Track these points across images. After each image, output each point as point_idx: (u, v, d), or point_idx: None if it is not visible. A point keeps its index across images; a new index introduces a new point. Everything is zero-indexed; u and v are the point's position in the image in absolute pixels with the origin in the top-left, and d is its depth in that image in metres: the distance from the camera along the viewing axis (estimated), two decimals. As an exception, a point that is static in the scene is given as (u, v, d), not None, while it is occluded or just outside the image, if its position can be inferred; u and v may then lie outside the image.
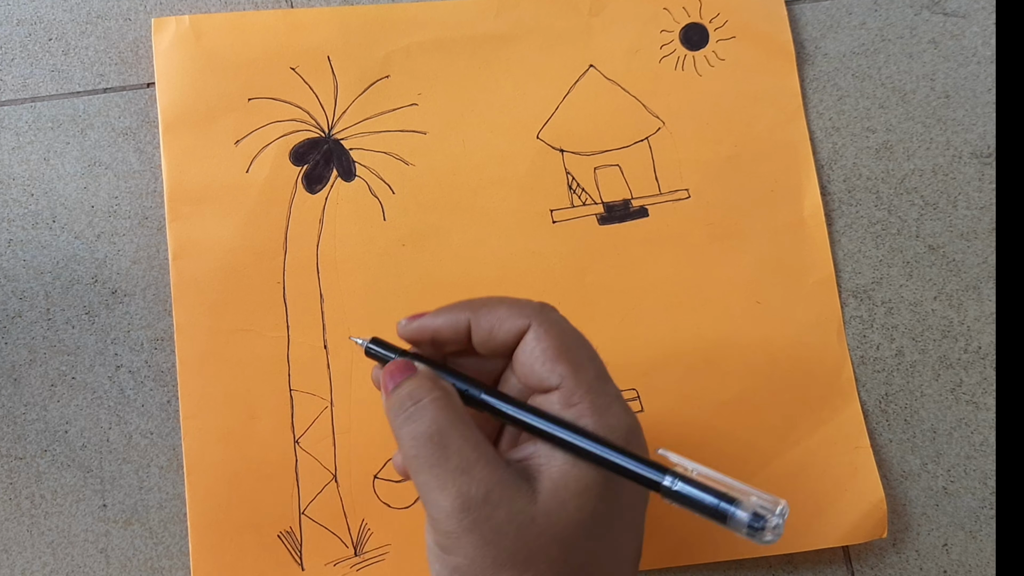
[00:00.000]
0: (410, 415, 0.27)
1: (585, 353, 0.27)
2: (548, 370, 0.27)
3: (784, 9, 0.43)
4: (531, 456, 0.27)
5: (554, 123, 0.41)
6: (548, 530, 0.25)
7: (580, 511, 0.25)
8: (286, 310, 0.38)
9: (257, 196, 0.39)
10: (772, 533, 0.21)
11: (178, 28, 0.40)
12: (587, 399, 0.26)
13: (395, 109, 0.41)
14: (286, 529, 0.37)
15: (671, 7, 0.42)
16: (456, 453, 0.25)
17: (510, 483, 0.25)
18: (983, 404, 0.41)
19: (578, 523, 0.25)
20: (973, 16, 0.44)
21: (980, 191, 0.42)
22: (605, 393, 0.27)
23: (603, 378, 0.27)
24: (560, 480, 0.25)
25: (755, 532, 0.20)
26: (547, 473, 0.26)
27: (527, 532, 0.25)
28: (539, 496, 0.25)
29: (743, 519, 0.21)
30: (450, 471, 0.25)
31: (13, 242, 0.39)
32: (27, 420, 0.38)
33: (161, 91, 0.39)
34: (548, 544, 0.25)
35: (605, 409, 0.26)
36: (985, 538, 0.40)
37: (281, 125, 0.40)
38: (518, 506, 0.25)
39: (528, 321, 0.28)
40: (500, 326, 0.28)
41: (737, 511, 0.22)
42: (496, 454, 0.26)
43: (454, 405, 0.27)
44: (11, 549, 0.37)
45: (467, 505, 0.25)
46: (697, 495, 0.23)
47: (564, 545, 0.25)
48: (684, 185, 0.41)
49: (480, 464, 0.25)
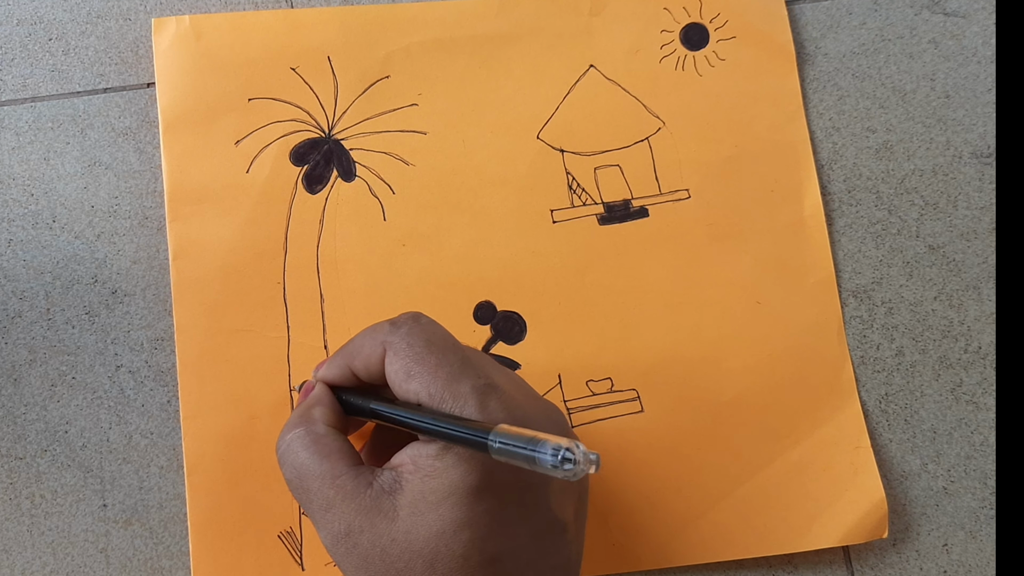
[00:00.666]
0: (281, 458, 0.29)
1: (436, 358, 0.28)
2: (405, 391, 0.28)
3: (784, 9, 0.43)
4: (400, 465, 0.27)
5: (554, 123, 0.41)
6: (410, 547, 0.26)
7: (441, 520, 0.26)
8: (286, 310, 0.38)
9: (257, 196, 0.39)
10: (577, 466, 0.22)
11: (178, 28, 0.40)
12: (443, 408, 0.27)
13: (395, 109, 0.41)
14: (286, 529, 0.37)
15: (671, 7, 0.42)
16: (316, 494, 0.27)
17: (370, 510, 0.26)
18: (983, 404, 0.41)
19: (440, 533, 0.26)
20: (973, 16, 0.44)
21: (980, 191, 0.42)
22: (458, 395, 0.27)
23: (458, 377, 0.27)
24: (419, 493, 0.26)
25: (561, 466, 0.22)
26: (409, 486, 0.26)
27: (390, 553, 0.26)
28: (399, 513, 0.26)
29: (546, 456, 0.22)
30: (315, 510, 0.27)
31: (13, 242, 0.39)
32: (27, 420, 0.38)
33: (161, 91, 0.39)
34: (413, 558, 0.26)
35: (459, 410, 0.26)
36: (985, 538, 0.40)
37: (281, 125, 0.40)
38: (378, 530, 0.26)
39: (384, 346, 0.28)
40: (369, 360, 0.29)
41: (538, 452, 0.23)
42: (357, 484, 0.27)
43: (314, 444, 0.28)
44: (11, 549, 0.37)
45: (335, 539, 0.27)
46: (511, 447, 0.23)
47: (430, 555, 0.26)
48: (684, 185, 0.41)
49: (338, 500, 0.27)
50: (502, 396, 0.27)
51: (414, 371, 0.27)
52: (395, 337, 0.28)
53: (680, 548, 0.38)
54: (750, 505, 0.39)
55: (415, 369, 0.28)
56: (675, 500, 0.39)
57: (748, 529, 0.39)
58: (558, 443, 0.22)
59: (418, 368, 0.27)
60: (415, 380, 0.27)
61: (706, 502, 0.39)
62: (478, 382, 0.27)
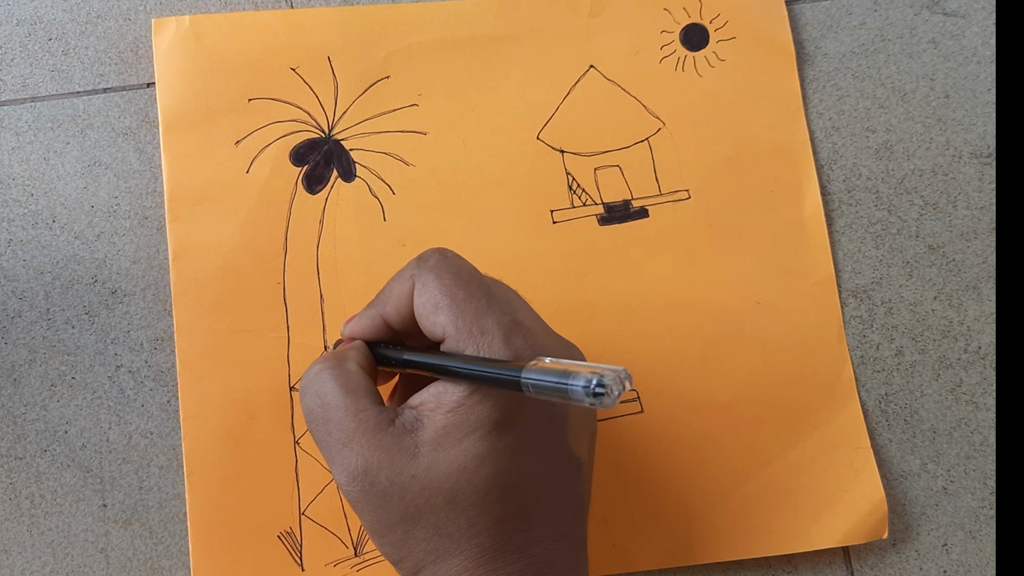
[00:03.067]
0: (302, 392, 0.29)
1: (464, 292, 0.28)
2: (432, 324, 0.28)
3: (784, 10, 0.43)
4: (421, 404, 0.27)
5: (554, 124, 0.41)
6: (430, 484, 0.26)
7: (464, 455, 0.26)
8: (286, 310, 0.38)
9: (257, 197, 0.39)
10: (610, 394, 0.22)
11: (178, 28, 0.40)
12: (470, 342, 0.27)
13: (395, 110, 0.41)
14: (286, 530, 0.37)
15: (671, 8, 0.42)
16: (337, 426, 0.27)
17: (390, 447, 0.26)
18: (983, 404, 0.41)
19: (462, 468, 0.26)
20: (973, 16, 0.44)
21: (980, 191, 0.42)
22: (485, 330, 0.27)
23: (486, 312, 0.27)
24: (442, 429, 0.26)
25: (596, 397, 0.22)
26: (431, 423, 0.27)
27: (409, 491, 0.26)
28: (420, 450, 0.26)
29: (578, 387, 0.22)
30: (333, 445, 0.27)
31: (13, 242, 0.39)
32: (27, 420, 0.38)
33: (161, 91, 0.39)
34: (432, 496, 0.26)
35: (487, 345, 0.27)
36: (985, 538, 0.40)
37: (281, 126, 0.40)
38: (398, 467, 0.26)
39: (411, 279, 0.29)
40: (399, 302, 0.29)
41: (571, 384, 0.23)
42: (379, 420, 0.27)
43: (342, 377, 0.28)
44: (11, 549, 0.37)
45: (352, 476, 0.27)
46: (545, 383, 0.24)
47: (450, 491, 0.26)
48: (684, 186, 0.41)
49: (358, 435, 0.27)
50: (526, 332, 0.27)
51: (442, 303, 0.28)
52: (423, 271, 0.29)
53: (680, 548, 0.38)
54: (750, 505, 0.39)
55: (443, 302, 0.28)
56: (675, 501, 0.39)
57: (748, 529, 0.39)
58: (589, 374, 0.22)
59: (446, 301, 0.28)
60: (443, 313, 0.27)
61: (706, 502, 0.39)
62: (503, 318, 0.27)
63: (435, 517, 0.26)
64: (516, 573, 0.27)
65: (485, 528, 0.26)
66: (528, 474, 0.27)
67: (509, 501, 0.27)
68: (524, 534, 0.27)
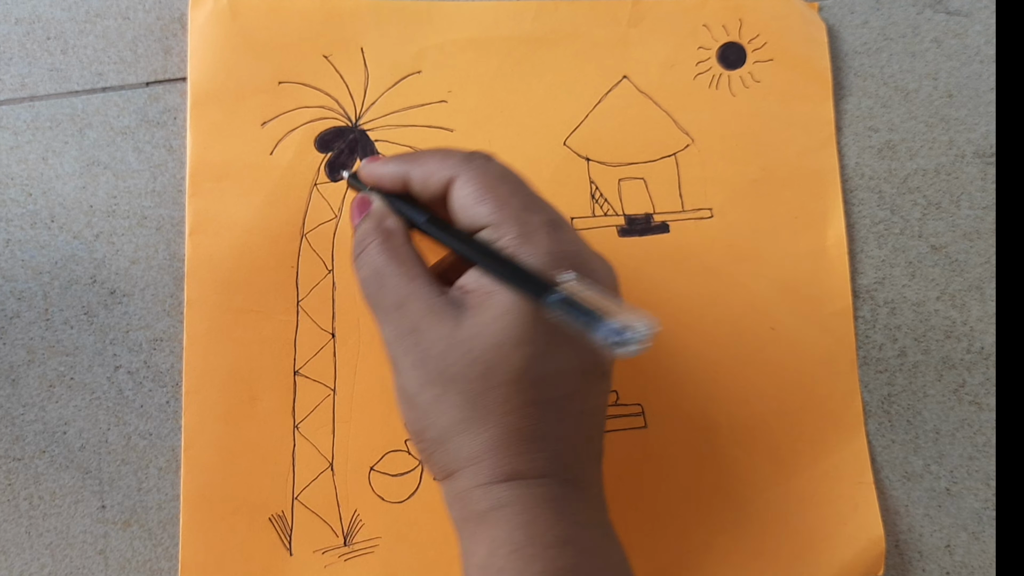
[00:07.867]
0: (359, 260, 0.31)
1: (509, 188, 0.29)
2: (474, 212, 0.29)
3: (825, 35, 0.42)
4: (466, 284, 0.29)
5: (582, 131, 0.41)
6: (470, 352, 0.27)
7: (503, 331, 0.27)
8: (297, 294, 0.38)
9: (279, 179, 0.39)
10: (636, 343, 0.23)
11: (215, 5, 0.39)
12: (512, 230, 0.28)
13: (424, 104, 0.40)
14: (278, 513, 0.37)
15: (711, 24, 0.42)
16: (392, 290, 0.29)
17: (438, 311, 0.28)
18: (986, 405, 0.41)
19: (500, 344, 0.27)
20: (976, 15, 0.43)
21: (983, 191, 0.42)
22: (528, 223, 0.28)
23: (530, 208, 0.29)
24: (485, 304, 0.28)
25: (619, 345, 0.23)
26: (475, 298, 0.28)
27: (451, 354, 0.27)
28: (464, 321, 0.28)
29: (603, 333, 0.23)
30: (387, 307, 0.29)
31: (11, 242, 0.39)
32: (25, 421, 0.37)
33: (192, 66, 0.39)
34: (471, 363, 0.27)
35: (529, 236, 0.28)
36: (988, 539, 0.40)
37: (309, 111, 0.40)
38: (443, 331, 0.28)
39: (454, 172, 0.29)
40: (431, 178, 0.30)
41: (600, 327, 0.24)
42: (430, 287, 0.29)
43: (393, 245, 0.30)
44: (9, 550, 0.37)
45: (400, 335, 0.29)
46: (568, 310, 0.25)
47: (487, 364, 0.27)
48: (708, 204, 0.41)
49: (411, 298, 0.28)
50: (571, 234, 0.29)
51: (486, 197, 0.29)
52: (468, 167, 0.29)
53: (672, 568, 0.38)
54: (747, 530, 0.38)
55: (487, 196, 0.29)
56: (671, 521, 0.38)
57: (743, 553, 0.38)
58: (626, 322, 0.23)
59: (490, 195, 0.29)
60: (486, 204, 0.28)
61: (702, 523, 0.38)
62: (549, 216, 0.29)
63: (469, 386, 0.27)
64: (540, 461, 0.28)
65: (516, 408, 0.27)
66: (560, 366, 0.28)
67: (540, 387, 0.28)
68: (552, 427, 0.28)
